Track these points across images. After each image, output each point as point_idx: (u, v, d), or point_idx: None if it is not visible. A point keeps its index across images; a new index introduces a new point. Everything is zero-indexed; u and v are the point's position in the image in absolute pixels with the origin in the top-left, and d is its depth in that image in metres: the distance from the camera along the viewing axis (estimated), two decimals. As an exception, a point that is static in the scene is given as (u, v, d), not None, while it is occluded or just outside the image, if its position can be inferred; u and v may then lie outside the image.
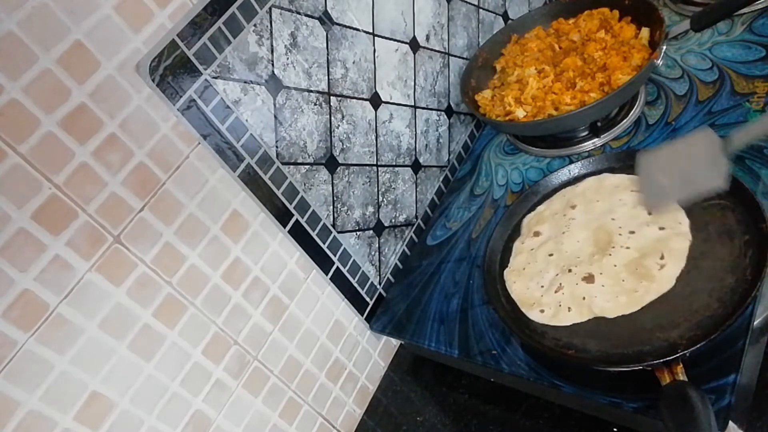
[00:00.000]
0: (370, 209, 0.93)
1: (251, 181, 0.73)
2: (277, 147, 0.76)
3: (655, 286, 0.67)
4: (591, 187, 0.84)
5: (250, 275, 0.75)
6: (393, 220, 0.98)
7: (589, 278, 0.72)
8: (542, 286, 0.75)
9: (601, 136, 0.95)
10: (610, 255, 0.72)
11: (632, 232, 0.74)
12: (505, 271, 0.81)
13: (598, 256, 0.74)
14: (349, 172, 0.88)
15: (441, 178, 1.08)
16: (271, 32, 0.73)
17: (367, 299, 0.94)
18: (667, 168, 0.70)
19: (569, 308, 0.71)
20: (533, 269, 0.78)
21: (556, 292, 0.73)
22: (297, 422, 0.83)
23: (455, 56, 1.08)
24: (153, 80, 0.62)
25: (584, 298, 0.70)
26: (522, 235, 0.85)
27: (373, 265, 0.94)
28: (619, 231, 0.75)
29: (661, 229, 0.72)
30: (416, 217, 1.03)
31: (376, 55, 0.89)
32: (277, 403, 0.80)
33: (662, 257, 0.69)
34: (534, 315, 0.73)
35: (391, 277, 0.98)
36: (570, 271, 0.74)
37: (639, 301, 0.67)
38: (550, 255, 0.78)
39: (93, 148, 0.59)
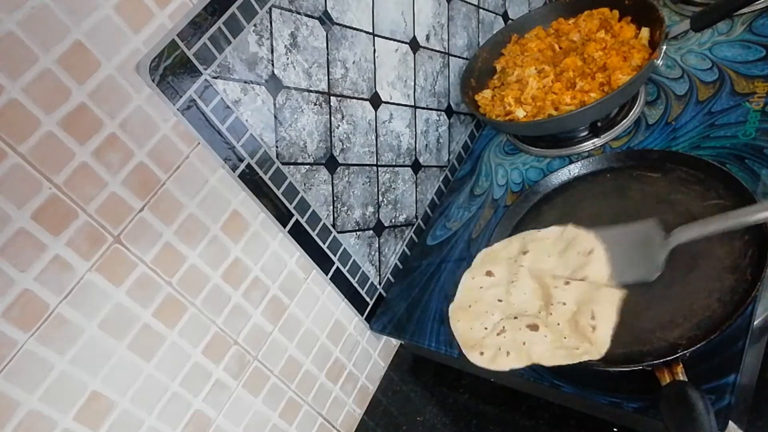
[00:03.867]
0: (370, 209, 0.93)
1: (251, 181, 0.73)
2: (277, 147, 0.76)
3: (594, 348, 0.64)
4: (551, 237, 0.80)
5: (250, 275, 0.75)
6: (393, 220, 0.98)
7: (534, 327, 0.69)
8: (486, 328, 0.72)
9: (601, 136, 0.95)
10: (551, 314, 0.70)
11: (567, 283, 0.71)
12: (450, 307, 0.78)
13: (544, 313, 0.71)
14: (349, 172, 0.88)
15: (441, 178, 1.08)
16: (271, 32, 0.73)
17: (367, 299, 0.94)
18: (621, 247, 0.72)
19: (508, 353, 0.68)
20: (479, 309, 0.75)
21: (498, 334, 0.70)
22: (297, 422, 0.83)
23: (455, 56, 1.08)
24: (153, 80, 0.62)
25: (524, 344, 0.68)
26: (473, 268, 0.81)
27: (373, 265, 0.94)
28: (555, 284, 0.72)
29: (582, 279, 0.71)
30: (416, 217, 1.03)
31: (376, 55, 0.89)
32: (277, 403, 0.80)
33: (593, 317, 0.66)
34: (474, 357, 0.70)
35: (391, 277, 0.98)
36: (516, 318, 0.71)
37: (576, 357, 0.64)
38: (499, 300, 0.75)
39: (93, 148, 0.59)
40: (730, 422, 0.59)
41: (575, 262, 0.74)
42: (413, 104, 0.99)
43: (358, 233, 0.91)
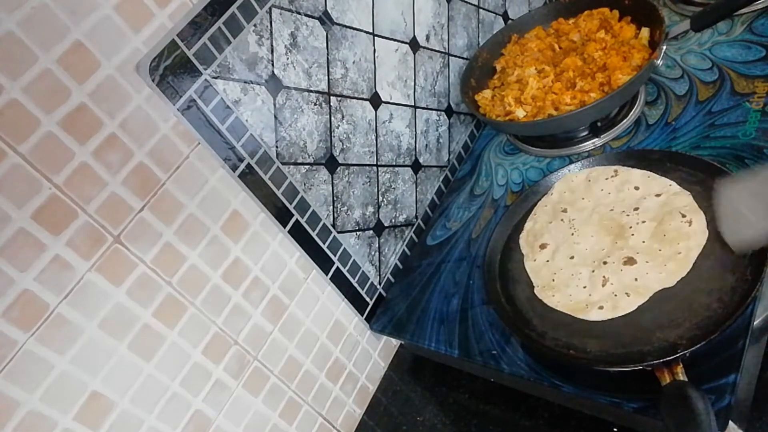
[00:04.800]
0: (370, 209, 0.93)
1: (251, 181, 0.73)
2: (277, 147, 0.76)
3: (693, 242, 0.68)
4: (565, 189, 0.86)
5: (250, 275, 0.75)
6: (393, 220, 0.98)
7: (629, 261, 0.71)
8: (585, 287, 0.73)
9: (601, 136, 0.95)
10: (633, 235, 0.73)
11: (636, 209, 0.76)
12: (535, 291, 0.77)
13: (620, 242, 0.74)
14: (349, 172, 0.88)
15: (441, 178, 1.08)
16: (271, 32, 0.73)
17: (367, 299, 0.94)
18: (755, 199, 0.64)
19: (627, 294, 0.69)
20: (562, 277, 0.76)
21: (603, 286, 0.71)
22: (297, 422, 0.83)
23: (455, 56, 1.08)
24: (153, 80, 0.62)
25: (636, 279, 0.70)
26: (526, 255, 0.82)
27: (373, 265, 0.94)
28: (625, 214, 0.76)
29: (657, 195, 0.76)
30: (416, 217, 1.03)
31: (376, 55, 0.89)
32: (277, 403, 0.80)
33: (683, 215, 0.71)
34: (594, 315, 0.69)
35: (391, 277, 0.98)
36: (605, 263, 0.73)
37: (687, 261, 0.68)
38: (571, 258, 0.77)
39: (93, 148, 0.59)
40: (730, 422, 0.59)
41: (626, 195, 0.80)
42: (413, 104, 0.99)
43: (358, 233, 0.91)
